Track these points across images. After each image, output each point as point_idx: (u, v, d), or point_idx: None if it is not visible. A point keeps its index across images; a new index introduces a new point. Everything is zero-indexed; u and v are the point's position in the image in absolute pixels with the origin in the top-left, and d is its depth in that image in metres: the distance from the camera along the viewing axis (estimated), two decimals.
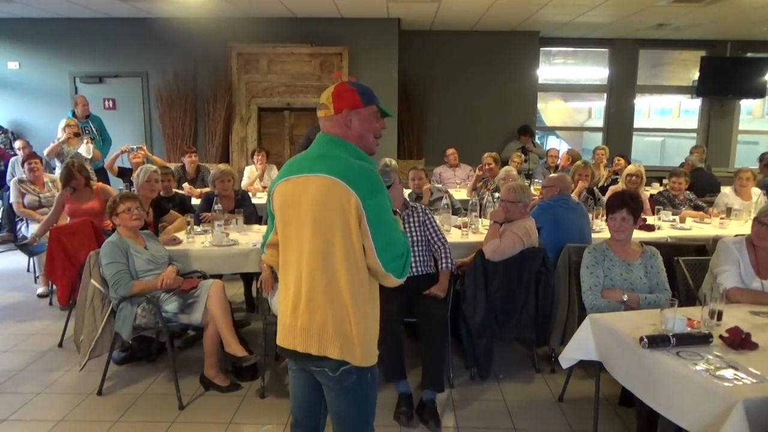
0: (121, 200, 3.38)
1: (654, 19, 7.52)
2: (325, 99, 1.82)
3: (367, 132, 1.81)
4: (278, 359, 3.65)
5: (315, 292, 1.72)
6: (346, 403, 1.81)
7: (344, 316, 1.71)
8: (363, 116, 1.80)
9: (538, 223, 3.63)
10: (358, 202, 1.65)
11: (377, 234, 1.67)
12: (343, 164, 1.70)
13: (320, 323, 1.72)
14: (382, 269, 1.70)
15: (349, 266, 1.69)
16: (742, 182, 5.28)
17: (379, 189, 1.70)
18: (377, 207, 1.68)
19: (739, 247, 2.90)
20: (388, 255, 1.69)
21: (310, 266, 1.72)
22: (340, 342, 1.71)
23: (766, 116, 10.37)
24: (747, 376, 1.93)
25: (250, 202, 4.91)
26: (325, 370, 1.76)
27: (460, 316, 3.43)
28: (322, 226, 1.69)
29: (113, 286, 3.19)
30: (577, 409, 3.16)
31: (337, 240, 1.68)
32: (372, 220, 1.66)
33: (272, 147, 7.90)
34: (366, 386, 1.80)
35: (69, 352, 3.79)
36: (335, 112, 1.78)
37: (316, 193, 1.70)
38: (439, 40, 8.56)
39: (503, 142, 8.41)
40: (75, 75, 7.96)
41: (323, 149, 1.78)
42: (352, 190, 1.65)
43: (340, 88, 1.81)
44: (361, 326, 1.73)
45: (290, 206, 1.77)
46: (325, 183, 1.68)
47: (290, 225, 1.78)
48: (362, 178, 1.68)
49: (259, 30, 7.69)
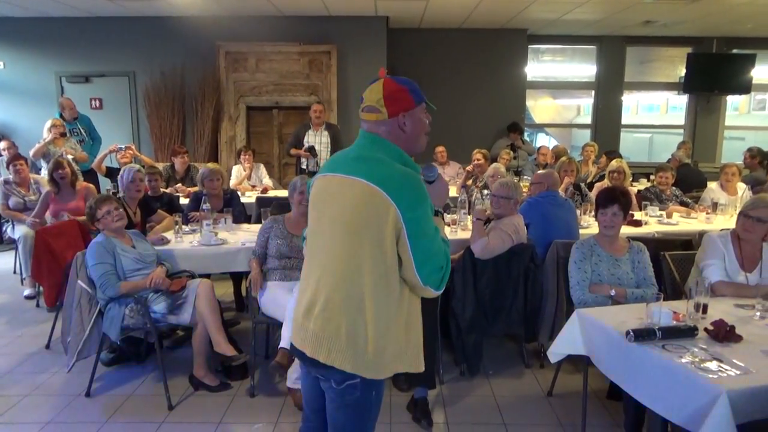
0: (98, 205, 3.31)
1: (640, 16, 7.58)
2: (374, 101, 1.65)
3: (421, 132, 1.70)
4: (268, 358, 3.65)
5: (333, 298, 1.63)
6: (345, 417, 1.73)
7: (361, 329, 1.61)
8: (416, 117, 1.67)
9: (526, 219, 3.65)
10: (398, 215, 1.55)
11: (417, 248, 1.57)
12: (385, 170, 1.59)
13: (333, 332, 1.63)
14: (420, 283, 1.60)
15: (377, 278, 1.60)
16: (728, 177, 5.34)
17: (423, 199, 1.59)
18: (419, 220, 1.57)
19: (725, 241, 2.93)
20: (428, 269, 1.59)
21: (334, 271, 1.64)
22: (352, 355, 1.62)
23: (752, 112, 10.46)
24: (731, 368, 1.95)
25: (239, 202, 4.89)
26: (330, 381, 1.68)
27: (450, 313, 3.44)
28: (354, 234, 1.60)
29: (100, 287, 3.17)
30: (566, 403, 3.18)
31: (367, 250, 1.59)
32: (412, 234, 1.56)
33: (261, 146, 7.89)
34: (369, 403, 1.72)
35: (56, 353, 3.75)
36: (390, 116, 1.64)
37: (351, 198, 1.60)
38: (427, 38, 8.58)
39: (492, 140, 8.44)
40: (61, 74, 7.88)
41: (364, 150, 1.67)
42: (392, 201, 1.54)
43: (392, 88, 1.65)
44: (380, 342, 1.62)
45: (324, 204, 1.69)
46: (362, 189, 1.58)
47: (321, 223, 1.71)
48: (405, 187, 1.57)
49: (247, 28, 7.66)
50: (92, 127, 6.80)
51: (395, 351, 1.67)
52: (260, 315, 3.34)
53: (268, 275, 3.39)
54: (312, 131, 6.39)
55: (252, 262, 3.43)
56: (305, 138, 6.38)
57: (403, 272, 1.62)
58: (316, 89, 7.73)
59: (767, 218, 2.80)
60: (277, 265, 3.36)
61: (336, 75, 7.67)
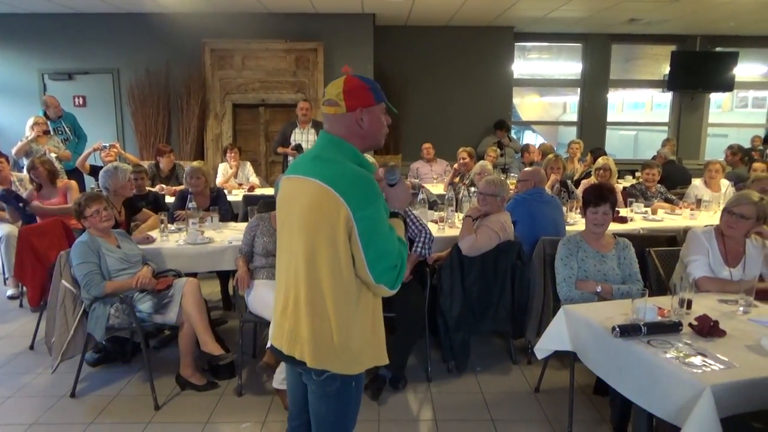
0: (87, 203, 3.27)
1: (625, 14, 7.64)
2: (334, 95, 1.69)
3: (378, 130, 1.74)
4: (256, 357, 3.63)
5: (300, 297, 1.69)
6: (326, 408, 1.78)
7: (326, 326, 1.66)
8: (374, 115, 1.71)
9: (513, 216, 3.66)
10: (349, 214, 1.58)
11: (369, 246, 1.60)
12: (337, 169, 1.63)
13: (304, 330, 1.69)
14: (372, 281, 1.64)
15: (334, 277, 1.64)
16: (711, 174, 5.41)
17: (373, 199, 1.62)
18: (369, 218, 1.60)
19: (709, 237, 2.96)
20: (380, 267, 1.63)
21: (297, 270, 1.70)
22: (319, 351, 1.68)
23: (734, 109, 10.60)
24: (715, 363, 1.97)
25: (226, 200, 4.85)
26: (310, 374, 1.73)
27: (437, 310, 3.45)
28: (309, 234, 1.64)
29: (85, 287, 3.13)
30: (553, 398, 3.20)
31: (323, 249, 1.63)
32: (363, 232, 1.59)
33: (248, 144, 7.85)
34: (349, 394, 1.77)
35: (40, 354, 3.71)
36: (348, 110, 1.68)
37: (307, 199, 1.64)
38: (414, 35, 8.57)
39: (479, 137, 8.46)
40: (44, 72, 7.77)
41: (321, 151, 1.71)
42: (342, 201, 1.58)
43: (352, 84, 1.69)
44: (343, 336, 1.67)
45: (287, 206, 1.75)
46: (315, 190, 1.62)
47: (284, 224, 1.77)
48: (355, 186, 1.60)
49: (232, 25, 7.60)
50: (77, 125, 6.71)
51: (359, 347, 1.72)
52: (247, 313, 3.32)
53: (255, 273, 3.38)
54: (299, 129, 6.36)
55: (239, 261, 3.41)
56: (292, 136, 6.35)
57: (357, 270, 1.65)
58: (302, 87, 7.70)
59: (750, 215, 2.83)
60: (263, 263, 3.34)
61: (323, 72, 7.64)
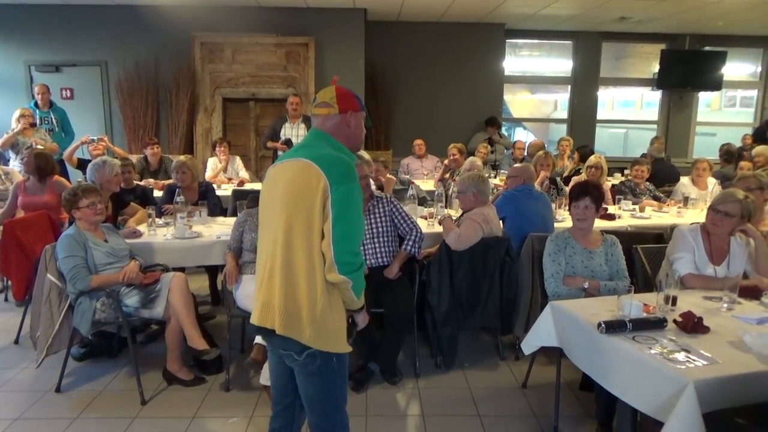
0: (84, 194, 3.24)
1: (616, 12, 7.67)
2: (328, 98, 1.91)
3: (360, 134, 1.96)
4: (244, 352, 3.62)
5: (275, 267, 1.80)
6: (313, 386, 1.88)
7: (295, 295, 1.77)
8: (359, 120, 1.95)
9: (502, 212, 3.68)
10: (327, 185, 1.73)
11: (338, 221, 1.73)
12: (322, 152, 1.81)
13: (277, 298, 1.79)
14: (331, 256, 1.74)
15: (308, 247, 1.76)
16: (699, 172, 5.46)
17: (351, 179, 1.78)
18: (345, 194, 1.75)
19: (694, 234, 2.99)
20: (342, 246, 1.75)
21: (275, 241, 1.80)
22: (288, 319, 1.77)
23: (723, 109, 10.68)
24: (698, 359, 1.99)
25: (215, 194, 4.83)
26: (291, 354, 1.82)
27: (426, 306, 3.45)
28: (289, 204, 1.78)
29: (71, 281, 3.10)
30: (540, 394, 3.22)
31: (300, 218, 1.76)
32: (336, 205, 1.73)
33: (238, 138, 7.80)
34: (332, 371, 1.86)
35: (25, 348, 3.67)
36: (340, 111, 1.89)
37: (290, 174, 1.81)
38: (405, 31, 8.55)
39: (470, 134, 8.46)
40: (30, 63, 7.67)
41: (309, 141, 1.91)
42: (323, 173, 1.74)
43: (343, 91, 1.93)
44: (312, 309, 1.76)
45: (271, 187, 1.89)
46: (300, 165, 1.80)
47: (267, 205, 1.90)
48: (336, 165, 1.78)
49: (223, 19, 7.54)
50: (67, 120, 6.64)
51: (330, 323, 1.81)
52: (236, 309, 3.31)
53: (243, 268, 3.37)
54: (289, 124, 6.33)
55: (227, 256, 3.40)
56: (282, 131, 6.31)
57: (322, 246, 1.76)
58: (293, 81, 7.66)
59: (734, 213, 2.85)
60: (252, 259, 3.33)
61: (313, 67, 7.61)
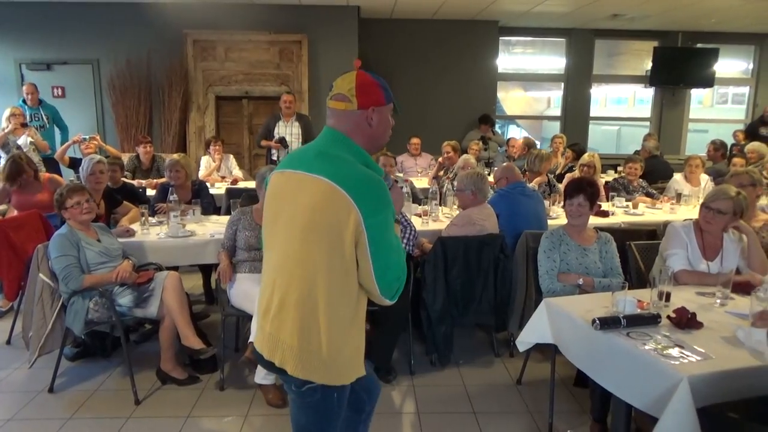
0: (69, 194, 3.23)
1: (608, 9, 7.69)
2: (345, 90, 1.59)
3: (385, 131, 1.65)
4: (238, 351, 3.61)
5: (288, 300, 1.57)
6: (306, 419, 1.70)
7: (315, 335, 1.55)
8: (384, 115, 1.63)
9: (496, 209, 3.68)
10: (359, 219, 1.48)
11: (378, 256, 1.51)
12: (349, 170, 1.52)
13: (287, 335, 1.57)
14: (378, 292, 1.56)
15: (331, 282, 1.54)
16: (692, 169, 5.49)
17: (386, 205, 1.53)
18: (381, 225, 1.51)
19: (687, 230, 3.00)
20: (387, 278, 1.55)
21: (289, 272, 1.58)
22: (305, 361, 1.57)
23: (715, 105, 10.73)
24: (692, 354, 2.00)
25: (208, 193, 4.81)
26: (291, 384, 1.63)
27: (421, 304, 3.45)
28: (312, 234, 1.53)
29: (63, 280, 3.08)
30: (535, 390, 3.23)
31: (325, 252, 1.52)
32: (373, 241, 1.50)
33: (231, 136, 7.78)
34: (330, 405, 1.66)
35: (18, 349, 3.65)
36: (359, 107, 1.58)
37: (311, 197, 1.52)
38: (399, 28, 8.54)
39: (464, 131, 8.47)
40: (21, 62, 7.60)
41: (327, 147, 1.59)
42: (353, 204, 1.47)
43: (364, 80, 1.61)
44: (335, 348, 1.57)
45: (282, 202, 1.62)
46: (323, 188, 1.50)
47: (278, 222, 1.63)
48: (368, 190, 1.51)
49: (215, 16, 7.51)
50: (59, 116, 6.60)
51: (349, 358, 1.63)
52: (230, 307, 3.30)
53: (237, 267, 3.35)
54: (282, 122, 6.31)
55: (221, 254, 3.38)
56: (276, 129, 6.30)
57: (361, 279, 1.56)
58: (286, 79, 7.64)
59: (727, 210, 2.86)
60: (246, 257, 3.32)
61: (307, 65, 7.59)
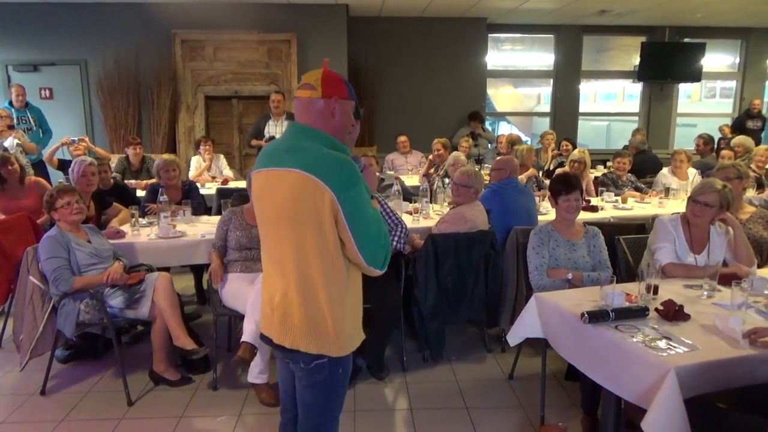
0: (59, 194, 3.22)
1: (596, 5, 7.73)
2: (312, 80, 1.70)
3: (345, 126, 1.73)
4: (230, 351, 3.61)
5: (289, 287, 1.69)
6: (312, 395, 1.80)
7: (319, 313, 1.68)
8: (345, 109, 1.72)
9: (488, 205, 3.70)
10: (333, 198, 1.57)
11: (356, 227, 1.61)
12: (315, 156, 1.61)
13: (296, 319, 1.69)
14: (363, 263, 1.65)
15: (324, 263, 1.65)
16: (677, 163, 5.55)
17: (356, 180, 1.62)
18: (354, 200, 1.60)
19: (675, 224, 3.03)
20: (369, 248, 1.64)
21: (285, 262, 1.70)
22: (315, 338, 1.69)
23: (703, 100, 10.82)
24: (679, 346, 2.03)
25: (198, 193, 4.80)
26: (299, 363, 1.74)
27: (412, 301, 3.47)
28: (296, 224, 1.64)
29: (54, 282, 3.07)
30: (526, 385, 3.26)
31: (311, 237, 1.63)
32: (350, 215, 1.60)
33: (221, 136, 7.75)
34: (336, 380, 1.78)
35: (8, 352, 3.63)
36: (323, 95, 1.67)
37: (288, 189, 1.63)
38: (387, 26, 8.54)
39: (454, 128, 8.48)
40: (8, 63, 7.54)
41: (293, 140, 1.69)
42: (325, 186, 1.57)
43: (330, 74, 1.71)
44: (339, 319, 1.69)
45: (265, 199, 1.73)
46: (296, 179, 1.61)
47: (266, 218, 1.76)
48: (335, 169, 1.60)
49: (203, 16, 7.47)
50: (44, 119, 6.55)
51: (353, 325, 1.78)
52: (221, 307, 3.30)
53: (228, 267, 3.35)
54: (272, 121, 6.31)
55: (212, 255, 3.38)
56: (266, 128, 6.29)
57: (346, 252, 1.66)
58: (276, 78, 7.63)
59: (713, 203, 2.90)
60: (237, 257, 3.32)
61: (296, 64, 7.57)
